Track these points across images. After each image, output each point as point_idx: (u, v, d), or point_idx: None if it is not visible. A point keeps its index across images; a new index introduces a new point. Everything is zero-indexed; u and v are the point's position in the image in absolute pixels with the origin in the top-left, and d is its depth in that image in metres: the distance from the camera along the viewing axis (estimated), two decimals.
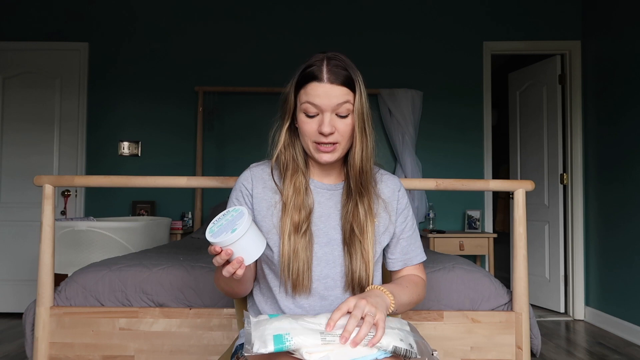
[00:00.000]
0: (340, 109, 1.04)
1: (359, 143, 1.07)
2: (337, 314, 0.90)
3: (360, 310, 0.89)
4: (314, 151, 1.08)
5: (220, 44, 3.97)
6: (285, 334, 0.85)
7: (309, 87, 1.05)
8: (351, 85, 1.06)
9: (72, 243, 2.72)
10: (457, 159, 3.95)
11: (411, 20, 3.99)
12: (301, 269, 1.06)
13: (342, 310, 0.91)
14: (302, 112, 1.07)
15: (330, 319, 0.89)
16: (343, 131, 1.06)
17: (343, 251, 1.10)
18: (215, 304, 1.72)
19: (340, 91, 1.04)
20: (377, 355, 0.89)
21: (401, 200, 1.19)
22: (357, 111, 1.06)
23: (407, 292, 1.10)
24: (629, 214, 3.17)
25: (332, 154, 1.07)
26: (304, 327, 0.88)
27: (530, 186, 1.67)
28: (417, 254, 1.21)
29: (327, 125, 1.03)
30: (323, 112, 1.04)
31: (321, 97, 1.03)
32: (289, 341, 0.84)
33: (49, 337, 1.66)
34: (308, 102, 1.05)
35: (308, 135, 1.07)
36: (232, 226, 0.91)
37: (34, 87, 3.88)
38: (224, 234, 0.90)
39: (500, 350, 1.67)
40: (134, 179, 1.69)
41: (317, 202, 1.13)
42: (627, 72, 3.24)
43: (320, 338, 0.86)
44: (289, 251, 1.06)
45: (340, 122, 1.05)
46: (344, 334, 0.86)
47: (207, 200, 3.90)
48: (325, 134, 1.04)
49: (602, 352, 2.89)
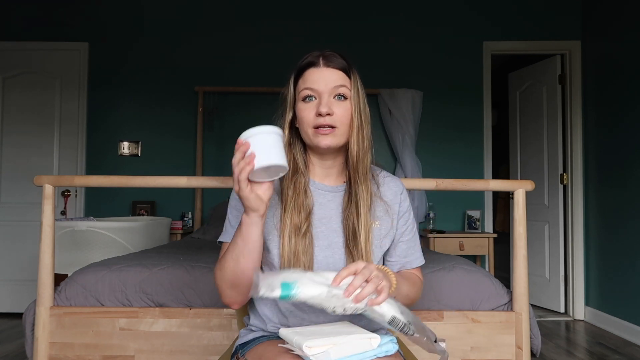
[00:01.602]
0: (337, 91, 1.06)
1: (356, 132, 1.08)
2: (344, 272, 0.89)
3: (368, 271, 0.89)
4: (313, 137, 1.07)
5: (221, 44, 3.97)
6: (293, 282, 0.86)
7: (307, 73, 1.08)
8: (347, 72, 1.08)
9: (72, 243, 2.72)
10: (457, 159, 3.95)
11: (411, 20, 3.99)
12: None
13: (349, 270, 0.90)
14: (300, 100, 1.08)
15: (338, 275, 0.89)
16: (341, 115, 1.06)
17: (344, 255, 1.09)
18: (215, 304, 1.72)
19: (337, 75, 1.07)
20: (377, 352, 0.89)
21: (403, 203, 1.18)
22: (354, 99, 1.08)
23: (407, 284, 1.11)
24: (629, 214, 3.17)
25: (331, 138, 1.06)
26: (311, 280, 0.88)
27: (530, 186, 1.67)
28: (416, 257, 1.20)
29: (324, 105, 1.04)
30: (321, 95, 1.06)
31: (318, 81, 1.06)
32: (296, 289, 0.85)
33: (49, 337, 1.66)
34: (306, 87, 1.07)
35: (307, 122, 1.07)
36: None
37: (34, 87, 3.88)
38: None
39: (500, 350, 1.67)
40: (134, 179, 1.69)
41: (317, 204, 1.11)
42: (627, 72, 3.24)
43: (326, 291, 0.87)
44: (289, 253, 1.05)
45: (338, 106, 1.06)
46: (349, 288, 0.86)
47: (207, 200, 3.90)
48: (322, 114, 1.04)
49: (602, 352, 2.89)
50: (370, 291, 0.87)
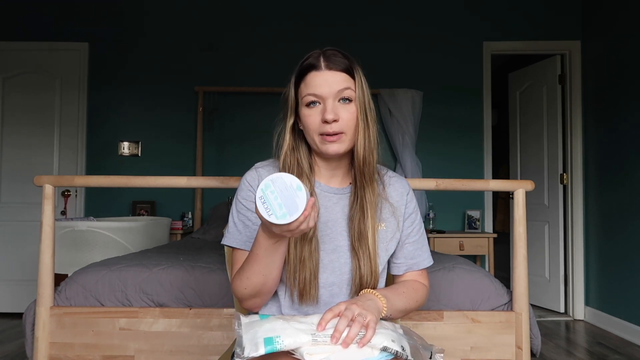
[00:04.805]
0: (342, 94, 1.02)
1: (362, 133, 1.04)
2: (328, 315, 0.89)
3: (350, 312, 0.89)
4: (320, 144, 1.04)
5: (221, 43, 3.97)
6: (276, 336, 0.85)
7: (308, 77, 1.03)
8: (350, 72, 1.04)
9: (72, 243, 2.72)
10: (457, 159, 3.95)
11: (411, 20, 3.99)
12: (307, 278, 1.03)
13: (333, 312, 0.90)
14: (304, 105, 1.04)
15: (322, 319, 0.89)
16: (347, 119, 1.02)
17: (350, 258, 1.07)
18: (215, 304, 1.72)
19: (340, 77, 1.03)
20: (379, 358, 0.88)
21: (409, 204, 1.16)
22: (359, 99, 1.04)
23: (403, 298, 1.07)
24: (629, 214, 3.17)
25: (338, 144, 1.03)
26: (295, 328, 0.88)
27: (530, 186, 1.67)
28: (423, 258, 1.17)
29: (330, 112, 1.00)
30: (325, 100, 1.02)
31: (322, 86, 1.02)
32: (279, 344, 0.84)
33: (49, 337, 1.66)
34: (309, 93, 1.03)
35: (312, 129, 1.03)
36: (292, 191, 0.84)
37: (34, 87, 3.88)
38: (299, 198, 0.83)
39: (500, 350, 1.67)
40: (134, 179, 1.69)
41: (323, 207, 1.09)
42: (627, 72, 3.24)
43: (311, 339, 0.86)
44: (294, 259, 1.03)
45: (344, 110, 1.02)
46: (335, 333, 0.85)
47: (207, 200, 3.90)
48: (329, 121, 1.01)
49: (602, 352, 2.89)
50: (356, 332, 0.86)
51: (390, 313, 1.01)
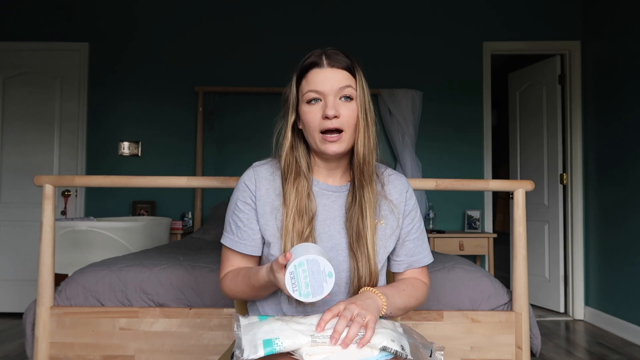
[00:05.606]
0: (343, 92, 1.03)
1: (362, 132, 1.05)
2: (327, 315, 0.90)
3: (349, 312, 0.89)
4: (320, 143, 1.04)
5: (221, 43, 3.97)
6: (275, 338, 0.86)
7: (310, 74, 1.04)
8: (352, 71, 1.05)
9: (72, 243, 2.72)
10: (457, 159, 3.95)
11: (411, 20, 3.99)
12: None
13: (333, 312, 0.90)
14: (304, 102, 1.05)
15: (321, 320, 0.89)
16: (348, 117, 1.03)
17: (348, 256, 1.07)
18: (215, 304, 1.72)
19: (342, 75, 1.04)
20: (378, 358, 0.88)
21: (409, 201, 1.16)
22: (359, 98, 1.05)
23: (403, 296, 1.07)
24: (629, 214, 3.17)
25: (338, 144, 1.03)
26: (294, 330, 0.88)
27: (530, 186, 1.67)
28: (423, 256, 1.17)
29: (331, 108, 1.01)
30: (326, 97, 1.03)
31: (323, 83, 1.03)
32: (278, 345, 0.85)
33: (49, 337, 1.66)
34: (310, 90, 1.03)
35: (313, 126, 1.04)
36: (322, 275, 0.88)
37: (34, 87, 3.88)
38: (326, 283, 0.88)
39: (500, 350, 1.67)
40: (134, 179, 1.69)
41: (321, 205, 1.10)
42: (627, 72, 3.24)
43: (310, 340, 0.86)
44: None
45: (345, 108, 1.03)
46: (334, 334, 0.86)
47: (207, 200, 3.90)
48: (329, 117, 1.01)
49: (602, 352, 2.89)
50: (355, 332, 0.86)
51: (390, 311, 1.01)
